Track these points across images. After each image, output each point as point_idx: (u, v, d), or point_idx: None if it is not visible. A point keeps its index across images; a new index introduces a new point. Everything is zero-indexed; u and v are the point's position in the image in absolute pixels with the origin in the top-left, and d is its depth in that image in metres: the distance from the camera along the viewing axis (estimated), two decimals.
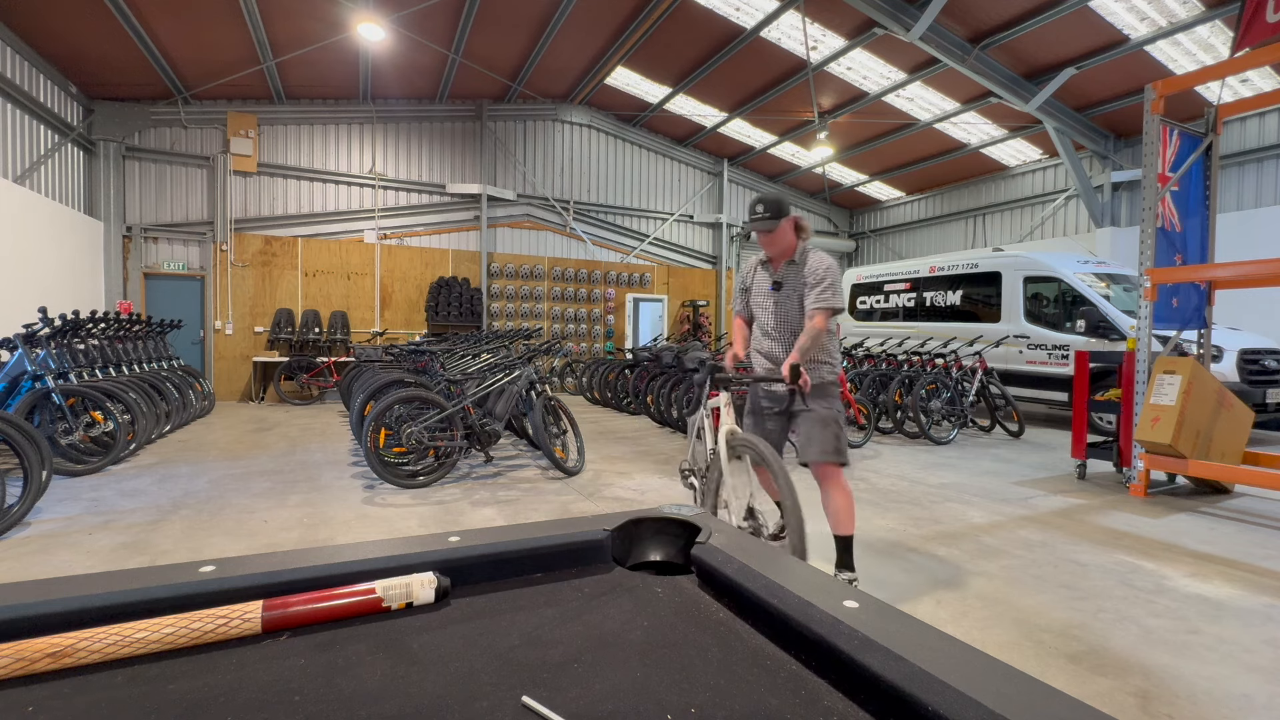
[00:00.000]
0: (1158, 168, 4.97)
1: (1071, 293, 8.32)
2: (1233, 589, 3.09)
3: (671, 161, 14.75)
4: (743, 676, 0.72)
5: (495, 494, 4.85)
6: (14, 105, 8.12)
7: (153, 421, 6.47)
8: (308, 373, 10.97)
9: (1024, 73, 9.62)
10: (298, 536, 3.80)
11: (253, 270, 11.13)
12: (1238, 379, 6.89)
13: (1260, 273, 4.61)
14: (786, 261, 3.02)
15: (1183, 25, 8.18)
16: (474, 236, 12.84)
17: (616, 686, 0.70)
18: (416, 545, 0.99)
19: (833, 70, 10.49)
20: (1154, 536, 3.92)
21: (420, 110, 12.25)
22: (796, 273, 3.00)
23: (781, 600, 0.81)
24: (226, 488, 4.94)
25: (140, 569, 0.87)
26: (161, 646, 0.74)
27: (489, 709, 0.65)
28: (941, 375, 7.52)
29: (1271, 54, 4.53)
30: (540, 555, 1.03)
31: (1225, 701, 2.10)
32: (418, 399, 5.10)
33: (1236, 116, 9.76)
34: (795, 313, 3.02)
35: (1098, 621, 2.70)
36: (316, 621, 0.83)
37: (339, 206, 11.83)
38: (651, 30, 9.96)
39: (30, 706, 0.64)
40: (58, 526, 3.96)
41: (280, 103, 11.23)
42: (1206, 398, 4.69)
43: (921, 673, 0.62)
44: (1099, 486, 5.22)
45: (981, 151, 12.62)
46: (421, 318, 12.35)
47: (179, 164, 10.75)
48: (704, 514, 1.15)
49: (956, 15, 8.54)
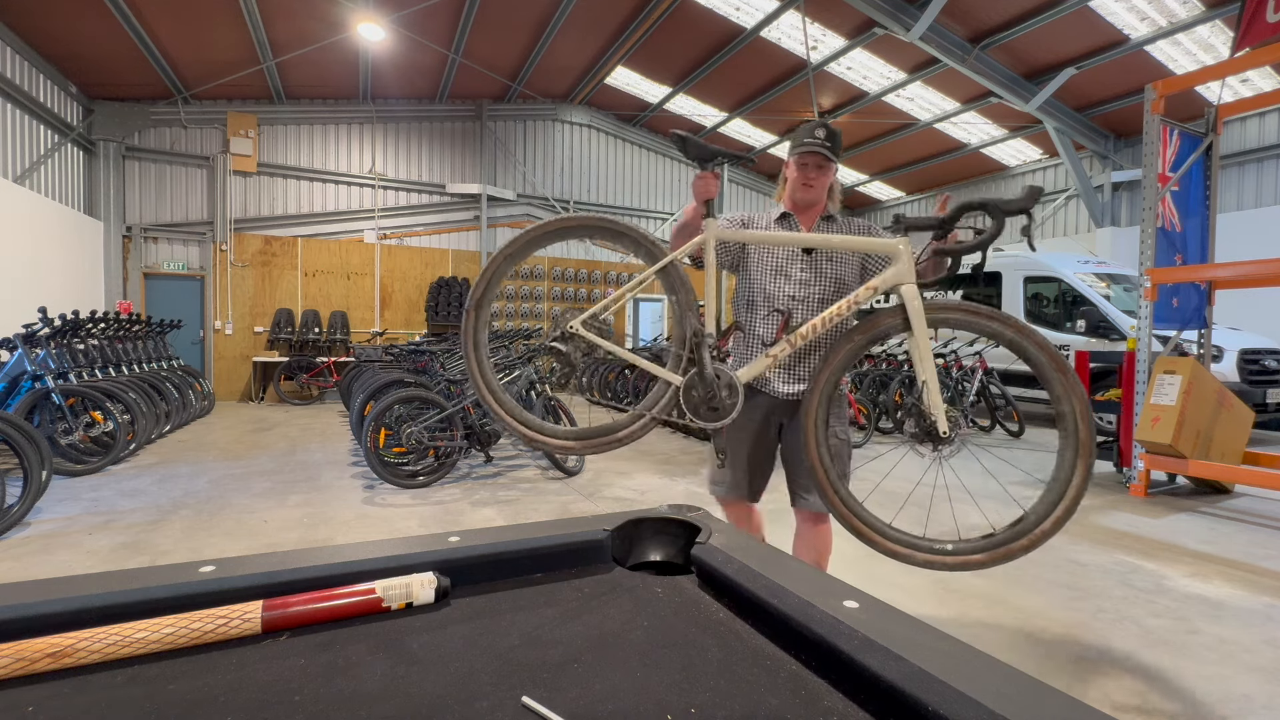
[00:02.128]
0: (1158, 168, 4.97)
1: (1072, 293, 8.32)
2: (1233, 589, 3.09)
3: (672, 161, 14.74)
4: (743, 676, 0.72)
5: (495, 494, 4.85)
6: (14, 105, 8.11)
7: (153, 421, 6.47)
8: (308, 373, 10.97)
9: (1024, 73, 9.61)
10: (298, 536, 3.79)
11: (253, 270, 11.13)
12: (1238, 379, 6.89)
13: (1260, 273, 4.61)
14: (823, 217, 2.25)
15: (1183, 25, 8.18)
16: (474, 236, 12.84)
17: (616, 686, 0.70)
18: (416, 545, 0.99)
19: (833, 70, 10.49)
20: (1154, 536, 3.92)
21: (420, 110, 12.25)
22: (826, 224, 2.26)
23: (781, 600, 0.81)
24: (226, 488, 4.94)
25: (140, 569, 0.87)
26: (161, 646, 0.74)
27: (489, 709, 0.65)
28: (942, 375, 7.52)
29: (1271, 54, 4.53)
30: (540, 555, 1.03)
31: (1225, 701, 2.10)
32: (418, 399, 5.10)
33: (1236, 116, 9.75)
34: (833, 290, 2.18)
35: (1098, 621, 2.70)
36: (316, 621, 0.83)
37: (339, 206, 11.83)
38: (651, 30, 9.96)
39: (30, 706, 0.64)
40: (58, 526, 3.96)
41: (280, 103, 11.23)
42: (1206, 398, 4.69)
43: (921, 673, 0.62)
44: (1099, 486, 5.21)
45: (982, 151, 12.62)
46: (421, 318, 12.35)
47: (179, 164, 10.75)
48: (704, 514, 1.15)
49: (956, 15, 8.54)
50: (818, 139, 2.14)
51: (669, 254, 1.81)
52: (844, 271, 2.19)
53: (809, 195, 2.19)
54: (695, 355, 1.78)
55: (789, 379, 2.18)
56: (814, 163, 2.15)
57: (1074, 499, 1.69)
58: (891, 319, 1.76)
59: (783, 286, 2.18)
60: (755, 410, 2.18)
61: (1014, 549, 1.67)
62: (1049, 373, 1.69)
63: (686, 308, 1.81)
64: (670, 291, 1.82)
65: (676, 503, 1.21)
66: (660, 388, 1.82)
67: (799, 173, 2.18)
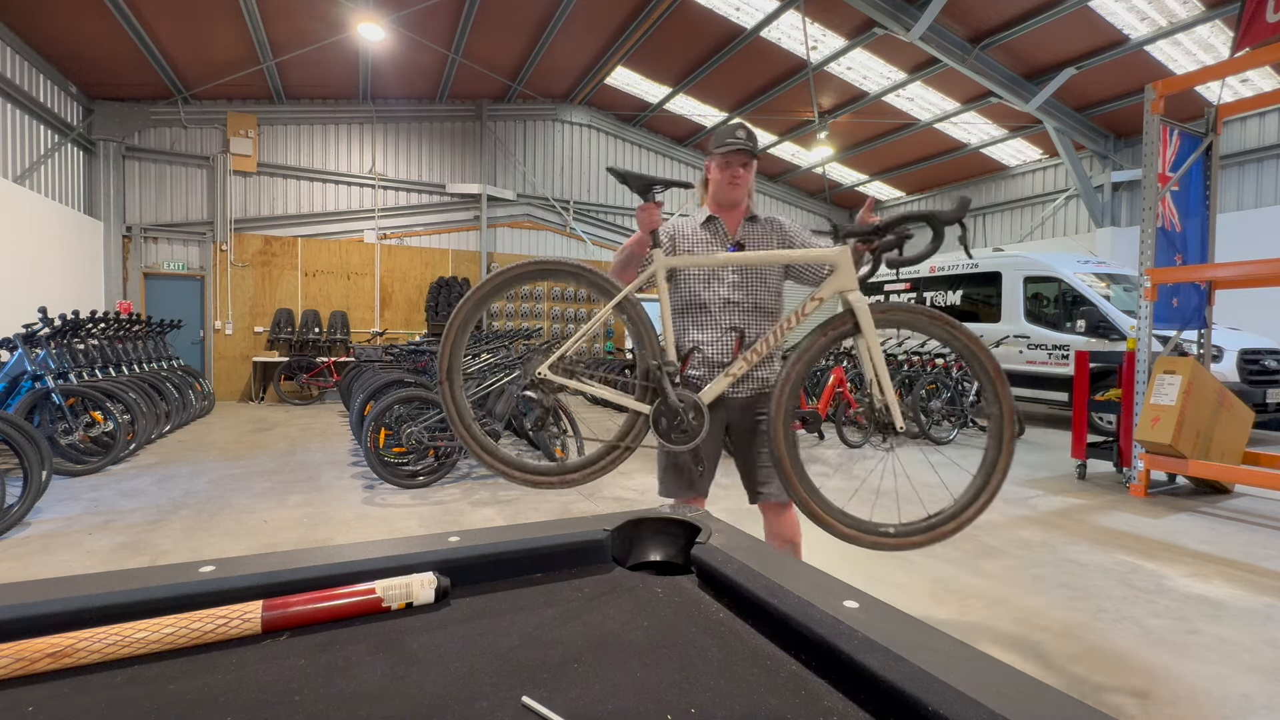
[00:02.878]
0: (1158, 168, 4.97)
1: (1071, 293, 8.32)
2: (1233, 589, 3.09)
3: (672, 161, 14.74)
4: (743, 676, 0.72)
5: (495, 494, 4.85)
6: (14, 105, 8.12)
7: (153, 421, 6.47)
8: (308, 373, 10.97)
9: (1024, 73, 9.61)
10: (297, 536, 3.79)
11: (253, 270, 11.13)
12: (1238, 379, 6.89)
13: (1260, 273, 4.61)
14: (747, 218, 2.29)
15: (1183, 25, 8.18)
16: (474, 236, 12.84)
17: (616, 686, 0.70)
18: (416, 545, 0.99)
19: (833, 70, 10.49)
20: (1154, 536, 3.92)
21: (420, 110, 12.25)
22: (764, 234, 2.27)
23: (781, 600, 0.81)
24: (226, 488, 4.94)
25: (140, 569, 0.87)
26: (161, 646, 0.74)
27: (489, 709, 0.65)
28: (942, 375, 7.52)
29: (1271, 54, 4.53)
30: (540, 555, 1.03)
31: (1225, 701, 2.10)
32: (418, 399, 5.10)
33: (1236, 116, 9.76)
34: (767, 291, 2.24)
35: (1098, 621, 2.70)
36: (316, 621, 0.83)
37: (339, 206, 11.83)
38: (651, 30, 9.96)
39: (30, 706, 0.64)
40: (58, 526, 3.96)
41: (280, 103, 11.23)
42: (1206, 398, 4.69)
43: (921, 673, 0.62)
44: (1099, 486, 5.21)
45: (981, 151, 12.62)
46: (421, 318, 12.35)
47: (179, 164, 10.75)
48: (704, 514, 1.15)
49: (956, 15, 8.54)
50: (739, 139, 2.18)
51: (621, 289, 1.91)
52: (769, 270, 2.26)
53: (734, 194, 2.24)
54: (658, 386, 1.88)
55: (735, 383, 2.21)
56: (738, 161, 2.20)
57: (994, 489, 1.91)
58: (844, 324, 1.89)
59: (717, 290, 2.24)
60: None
61: (944, 530, 1.88)
62: (983, 374, 1.87)
63: (644, 341, 1.92)
64: (629, 325, 1.92)
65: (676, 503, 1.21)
66: (630, 418, 1.93)
67: (723, 172, 2.22)
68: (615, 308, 1.91)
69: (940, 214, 1.80)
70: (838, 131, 12.73)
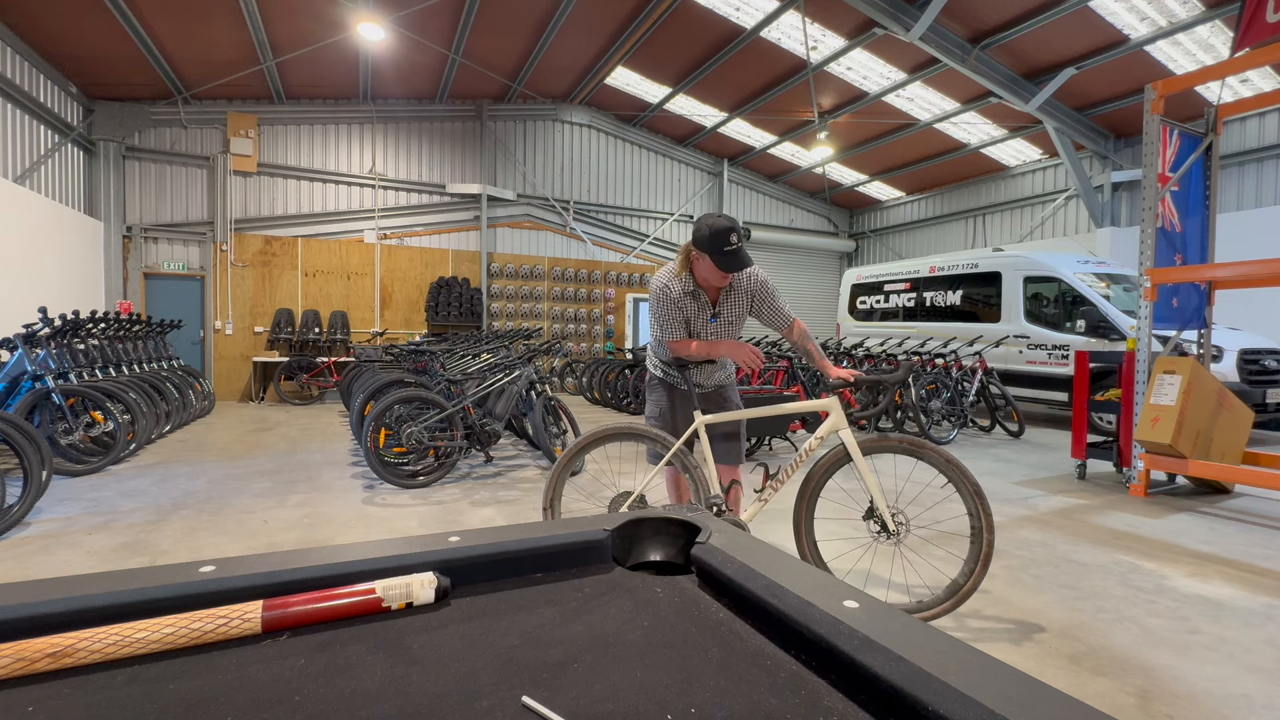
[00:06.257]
0: (1158, 168, 4.97)
1: (1071, 293, 8.32)
2: (1233, 589, 3.09)
3: (671, 161, 14.75)
4: (743, 676, 0.72)
5: (495, 494, 4.85)
6: (14, 105, 8.12)
7: (153, 421, 6.47)
8: (308, 373, 10.97)
9: (1024, 73, 9.62)
10: (298, 536, 3.79)
11: (253, 270, 11.13)
12: (1238, 379, 6.89)
13: (1260, 273, 4.61)
14: (725, 289, 2.82)
15: (1183, 25, 8.18)
16: (474, 236, 12.84)
17: (616, 686, 0.70)
18: (416, 545, 0.99)
19: (833, 70, 10.49)
20: (1154, 536, 3.92)
21: (420, 110, 12.25)
22: (736, 301, 2.82)
23: (781, 600, 0.81)
24: (226, 488, 4.94)
25: (140, 569, 0.87)
26: (161, 646, 0.74)
27: (489, 709, 0.65)
28: (941, 375, 7.52)
29: (1271, 54, 4.53)
30: (540, 555, 1.03)
31: (1225, 701, 2.10)
32: (418, 399, 5.10)
33: (1236, 116, 9.76)
34: (734, 330, 2.91)
35: (1098, 621, 2.70)
36: (316, 621, 0.82)
37: (339, 206, 11.83)
38: (651, 30, 9.97)
39: (30, 706, 0.64)
40: (58, 526, 3.96)
41: (280, 103, 11.23)
42: (1206, 398, 4.69)
43: (921, 673, 0.62)
44: (1099, 486, 5.21)
45: (981, 151, 12.63)
46: (421, 318, 12.36)
47: (179, 164, 10.75)
48: (704, 514, 1.15)
49: (956, 15, 8.55)
50: (734, 245, 2.53)
51: (675, 441, 2.73)
52: (739, 312, 2.85)
53: (722, 285, 2.76)
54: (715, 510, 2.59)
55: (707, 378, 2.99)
56: (731, 270, 2.60)
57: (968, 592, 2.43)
58: (840, 455, 2.56)
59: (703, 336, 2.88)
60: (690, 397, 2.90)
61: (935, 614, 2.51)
62: (967, 495, 2.41)
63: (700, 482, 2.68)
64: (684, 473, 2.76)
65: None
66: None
67: (718, 271, 2.62)
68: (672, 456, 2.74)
69: (894, 378, 2.60)
70: (838, 131, 12.73)
